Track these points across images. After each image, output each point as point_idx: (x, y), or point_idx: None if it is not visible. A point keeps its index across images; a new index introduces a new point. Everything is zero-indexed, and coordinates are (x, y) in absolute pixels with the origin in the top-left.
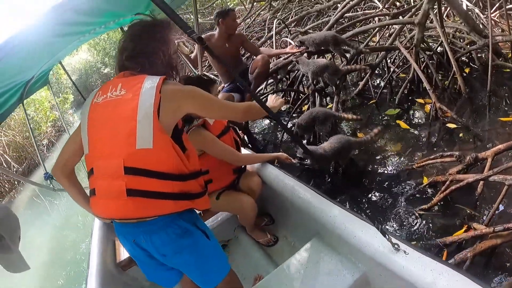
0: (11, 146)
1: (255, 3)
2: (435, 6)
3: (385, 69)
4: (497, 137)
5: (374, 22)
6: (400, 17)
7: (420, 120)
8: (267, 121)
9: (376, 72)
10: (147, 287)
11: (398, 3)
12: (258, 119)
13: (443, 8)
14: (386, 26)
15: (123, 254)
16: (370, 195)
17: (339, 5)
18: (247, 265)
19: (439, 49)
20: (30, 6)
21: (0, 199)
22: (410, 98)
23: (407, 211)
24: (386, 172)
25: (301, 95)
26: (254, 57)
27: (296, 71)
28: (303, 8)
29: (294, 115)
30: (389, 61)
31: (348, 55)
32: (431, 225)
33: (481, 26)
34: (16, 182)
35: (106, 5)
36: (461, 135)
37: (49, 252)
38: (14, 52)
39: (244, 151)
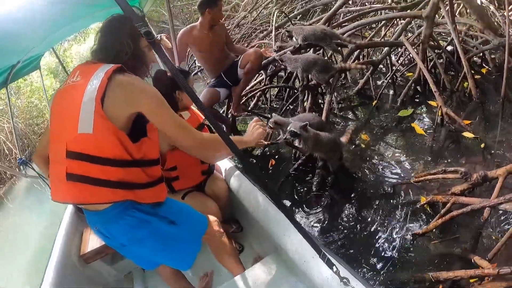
0: (13, 133)
1: None
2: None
3: (389, 67)
4: (510, 150)
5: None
6: (409, 11)
7: (425, 126)
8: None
9: (382, 70)
10: (111, 282)
11: None
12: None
13: (455, 3)
14: (393, 22)
15: (90, 246)
16: (358, 210)
17: None
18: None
19: (449, 47)
20: None
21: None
22: (415, 100)
23: (398, 233)
24: (380, 183)
25: (295, 91)
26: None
27: None
28: (311, 1)
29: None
30: (394, 58)
31: (345, 51)
32: (425, 253)
33: (496, 24)
34: (17, 169)
35: None
36: (469, 145)
37: (45, 239)
38: None
39: None
